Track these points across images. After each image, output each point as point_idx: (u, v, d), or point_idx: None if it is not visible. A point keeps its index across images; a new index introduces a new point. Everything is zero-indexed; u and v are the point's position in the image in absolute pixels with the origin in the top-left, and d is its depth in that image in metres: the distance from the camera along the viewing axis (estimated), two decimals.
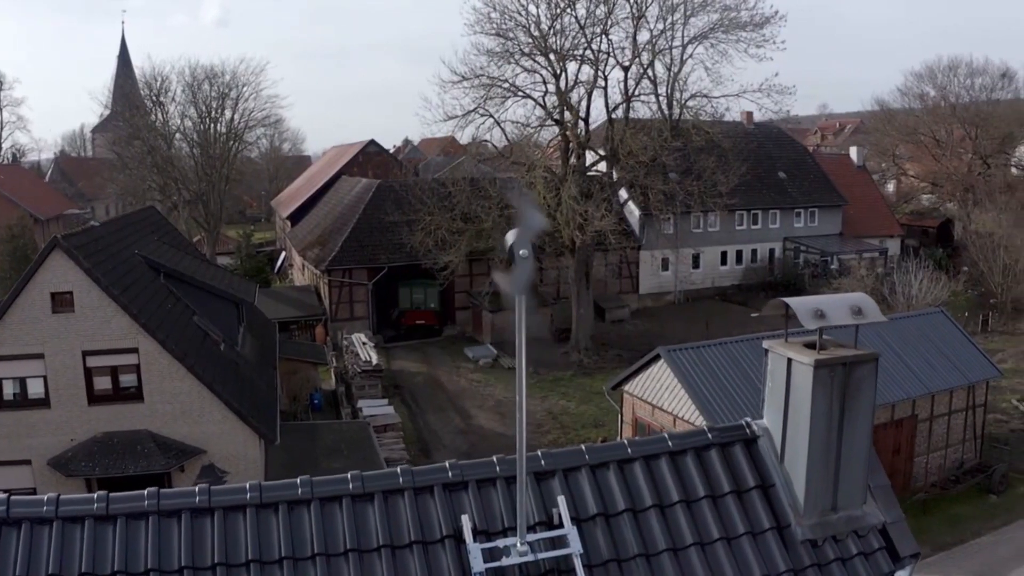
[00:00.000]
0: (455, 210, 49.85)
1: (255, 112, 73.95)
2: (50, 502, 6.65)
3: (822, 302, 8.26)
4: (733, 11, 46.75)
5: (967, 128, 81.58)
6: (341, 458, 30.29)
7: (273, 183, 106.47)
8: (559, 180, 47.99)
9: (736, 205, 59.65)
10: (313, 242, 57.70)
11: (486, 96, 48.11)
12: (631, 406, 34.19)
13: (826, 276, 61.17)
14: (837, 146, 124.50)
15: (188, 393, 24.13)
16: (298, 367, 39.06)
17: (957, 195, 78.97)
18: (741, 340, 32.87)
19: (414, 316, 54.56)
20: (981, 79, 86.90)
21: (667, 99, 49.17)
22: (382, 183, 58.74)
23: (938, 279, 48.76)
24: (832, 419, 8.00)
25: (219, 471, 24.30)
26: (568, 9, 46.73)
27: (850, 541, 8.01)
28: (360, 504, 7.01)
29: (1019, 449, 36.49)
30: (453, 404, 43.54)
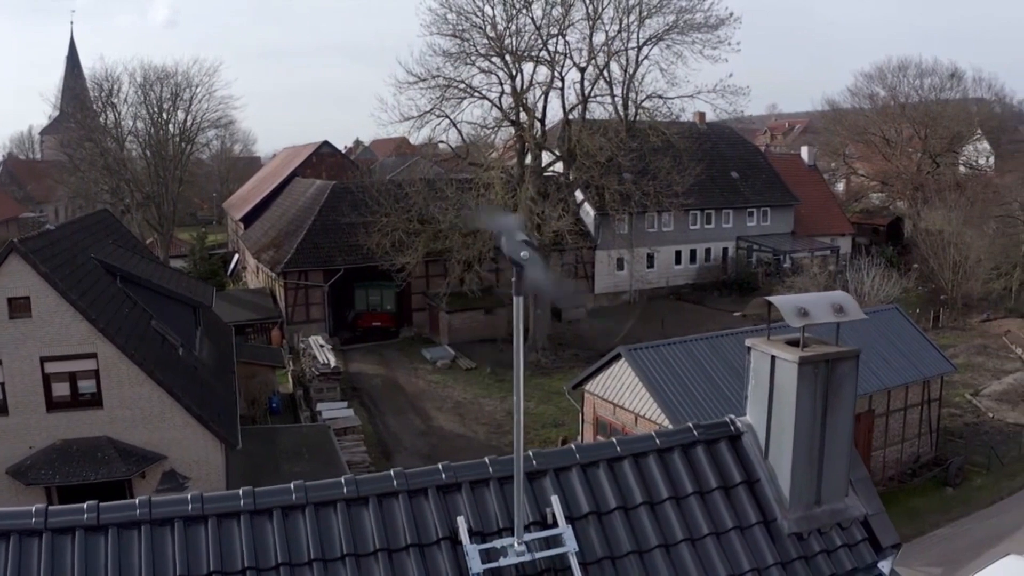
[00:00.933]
0: (412, 211, 49.73)
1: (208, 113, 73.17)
2: (39, 513, 6.51)
3: (805, 300, 8.36)
4: (688, 13, 47.21)
5: (916, 128, 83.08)
6: (303, 462, 30.09)
7: (224, 185, 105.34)
8: (516, 181, 48.06)
9: (690, 205, 60.19)
10: (268, 244, 57.19)
11: (442, 97, 48.11)
12: (592, 405, 34.33)
13: (779, 275, 61.89)
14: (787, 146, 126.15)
15: (148, 399, 23.80)
16: (256, 371, 38.70)
17: (907, 194, 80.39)
18: (700, 339, 33.24)
19: (370, 318, 54.31)
20: (930, 79, 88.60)
21: (623, 100, 49.51)
22: (337, 184, 58.36)
23: (890, 276, 49.53)
24: (816, 414, 8.10)
25: (180, 477, 24.03)
26: (524, 10, 46.86)
27: (834, 533, 8.12)
28: (355, 508, 6.97)
29: (974, 442, 37.28)
30: (412, 406, 43.43)
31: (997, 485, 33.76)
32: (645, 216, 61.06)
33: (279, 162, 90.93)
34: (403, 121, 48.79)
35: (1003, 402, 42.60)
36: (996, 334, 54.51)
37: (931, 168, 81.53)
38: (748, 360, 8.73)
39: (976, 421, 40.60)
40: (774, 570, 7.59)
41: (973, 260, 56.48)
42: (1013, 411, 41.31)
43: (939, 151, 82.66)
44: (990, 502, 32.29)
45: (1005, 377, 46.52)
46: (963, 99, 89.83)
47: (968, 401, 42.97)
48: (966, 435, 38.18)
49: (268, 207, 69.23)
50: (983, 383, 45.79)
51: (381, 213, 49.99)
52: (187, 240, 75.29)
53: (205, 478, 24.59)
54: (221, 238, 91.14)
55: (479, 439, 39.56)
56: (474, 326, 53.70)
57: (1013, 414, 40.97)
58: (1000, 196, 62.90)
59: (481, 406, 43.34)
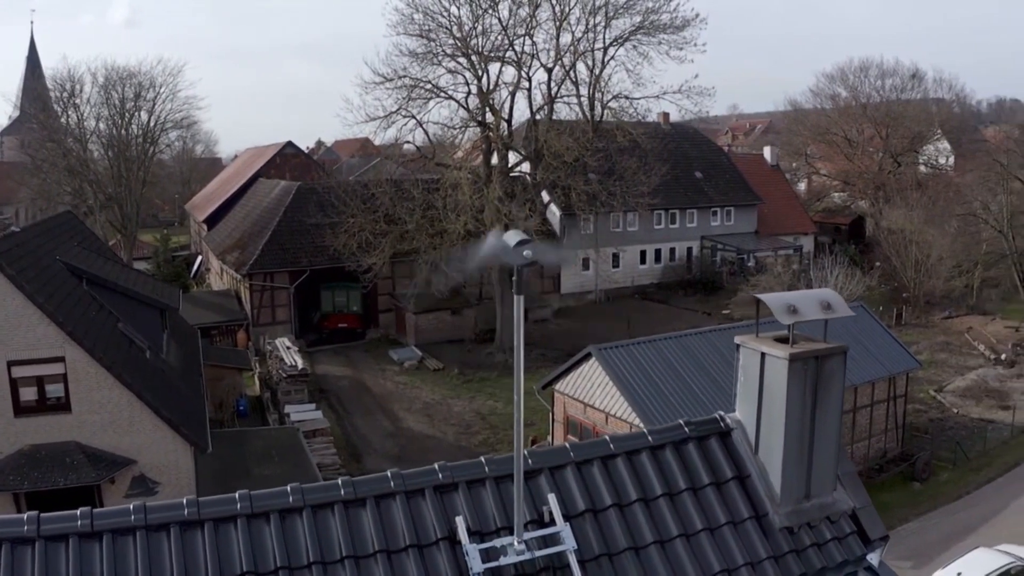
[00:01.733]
0: (378, 212, 49.53)
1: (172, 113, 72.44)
2: (31, 520, 6.37)
3: (794, 298, 8.42)
4: (654, 14, 47.40)
5: (878, 128, 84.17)
6: (272, 465, 29.87)
7: (186, 186, 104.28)
8: (483, 181, 48.02)
9: (655, 205, 60.50)
10: (232, 246, 56.68)
11: (408, 97, 47.89)
12: (562, 405, 34.41)
13: (743, 273, 62.39)
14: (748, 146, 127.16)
15: (117, 403, 23.47)
16: (223, 373, 38.34)
17: (868, 193, 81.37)
18: (669, 337, 33.44)
19: (336, 319, 54.02)
20: (892, 80, 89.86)
21: (589, 100, 49.62)
22: (302, 185, 57.97)
23: (853, 275, 50.07)
24: (805, 410, 8.18)
25: (150, 482, 23.78)
26: (490, 11, 46.81)
27: (823, 527, 8.22)
28: (353, 509, 6.91)
29: (939, 438, 37.80)
30: (381, 407, 43.26)
31: (963, 479, 34.28)
32: (610, 216, 61.29)
33: (242, 163, 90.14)
34: (369, 121, 48.50)
35: (967, 398, 43.24)
36: (958, 331, 55.31)
37: (892, 168, 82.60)
38: (737, 357, 8.80)
39: (941, 417, 41.18)
40: (767, 564, 7.66)
41: (935, 258, 57.28)
42: (977, 406, 41.94)
43: (900, 151, 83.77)
44: (957, 496, 32.78)
45: (968, 373, 47.22)
46: (924, 99, 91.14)
47: (932, 397, 43.56)
48: (931, 431, 38.72)
49: (232, 208, 68.58)
50: (947, 379, 46.46)
51: (347, 214, 49.73)
52: (150, 242, 74.45)
53: (175, 482, 24.32)
54: (184, 240, 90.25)
55: (448, 440, 39.50)
56: (441, 327, 53.62)
57: (977, 409, 41.60)
58: (961, 195, 63.84)
59: (450, 407, 43.27)
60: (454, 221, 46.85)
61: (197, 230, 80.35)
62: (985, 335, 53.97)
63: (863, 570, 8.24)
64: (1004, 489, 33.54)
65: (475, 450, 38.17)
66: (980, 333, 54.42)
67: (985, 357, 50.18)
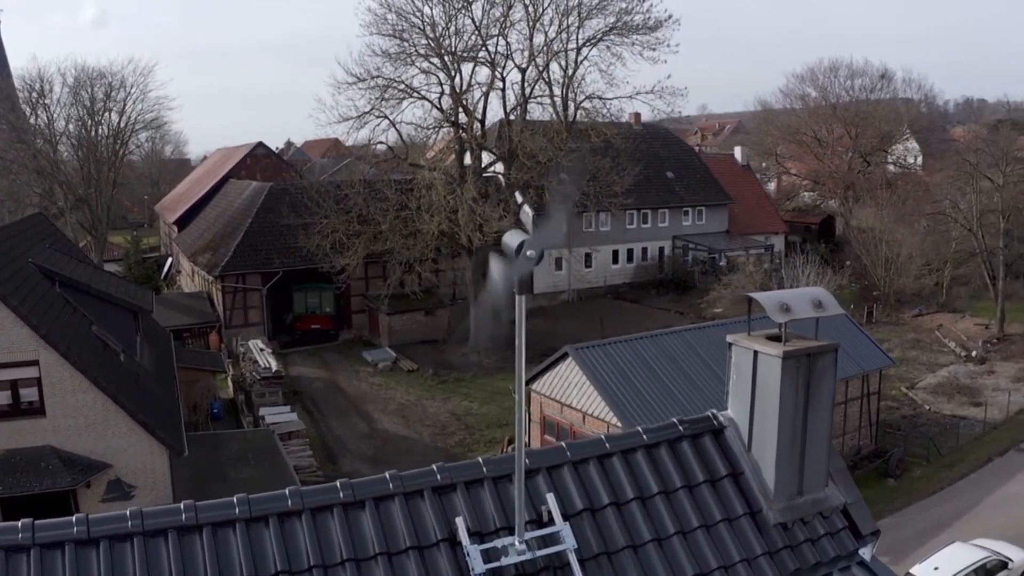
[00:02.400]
0: (351, 212, 49.34)
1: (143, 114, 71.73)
2: (25, 528, 6.25)
3: (786, 296, 8.47)
4: (627, 14, 47.55)
5: (847, 127, 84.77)
6: (249, 468, 29.70)
7: (155, 187, 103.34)
8: (457, 182, 47.97)
9: (628, 205, 60.66)
10: (204, 247, 56.22)
11: (381, 97, 47.77)
12: (539, 404, 34.46)
13: (715, 273, 62.70)
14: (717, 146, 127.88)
15: (92, 406, 23.21)
16: (197, 376, 38.04)
17: (838, 192, 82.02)
18: (645, 337, 33.58)
19: (309, 321, 53.74)
20: (861, 80, 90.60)
21: (562, 100, 49.69)
22: (274, 186, 57.61)
23: (824, 273, 50.44)
24: (798, 407, 8.23)
25: (126, 486, 23.54)
26: (463, 11, 46.75)
27: (816, 522, 8.29)
28: (352, 512, 6.86)
29: (912, 434, 38.19)
30: (356, 409, 43.11)
31: (937, 475, 34.66)
32: (583, 216, 61.41)
33: (212, 164, 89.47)
34: (342, 122, 48.37)
35: (938, 395, 43.73)
36: (929, 329, 55.91)
37: (862, 167, 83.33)
38: (729, 355, 8.81)
39: (913, 413, 41.62)
40: (763, 560, 7.71)
41: (905, 257, 57.88)
42: (949, 403, 42.43)
43: (869, 150, 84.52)
44: (931, 492, 33.16)
45: (939, 370, 47.77)
46: (893, 99, 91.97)
47: (904, 394, 44.00)
48: (904, 427, 39.14)
49: (202, 210, 68.05)
50: (918, 376, 46.96)
51: (320, 214, 49.51)
52: (120, 244, 73.80)
53: (151, 486, 24.10)
54: (153, 241, 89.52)
55: (424, 441, 39.45)
56: (414, 327, 53.50)
57: (949, 406, 42.08)
58: (931, 195, 64.48)
59: (424, 408, 43.20)
60: (428, 221, 46.78)
61: (167, 232, 79.69)
62: (955, 332, 54.59)
63: (856, 565, 8.32)
64: (977, 485, 33.97)
65: (451, 451, 38.16)
66: (950, 330, 55.04)
67: (956, 354, 50.74)
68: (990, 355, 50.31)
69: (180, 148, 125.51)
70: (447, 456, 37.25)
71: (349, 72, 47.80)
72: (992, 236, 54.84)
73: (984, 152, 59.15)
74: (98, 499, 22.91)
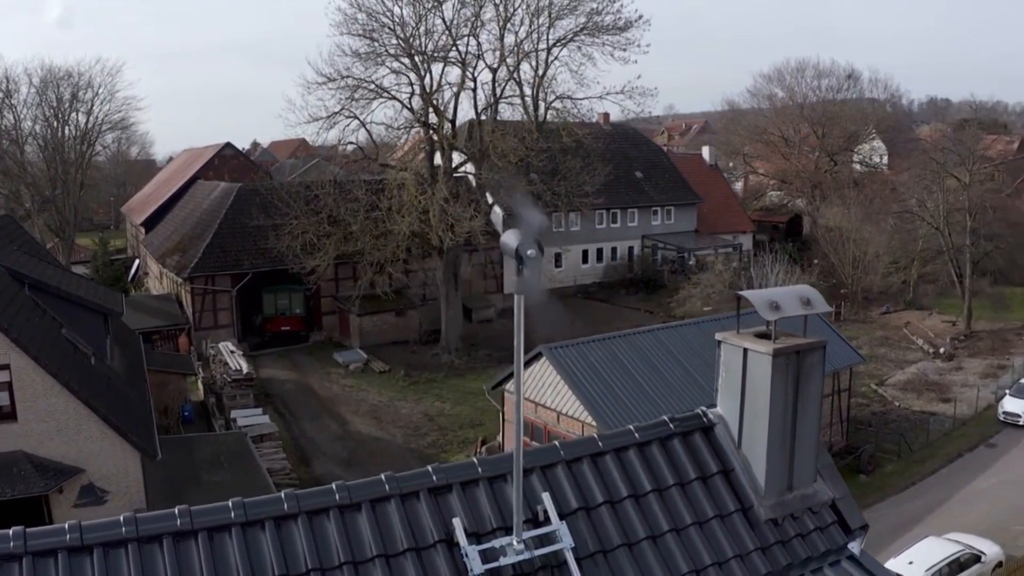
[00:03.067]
0: (322, 213, 49.10)
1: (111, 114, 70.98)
2: (17, 536, 6.11)
3: (775, 295, 8.50)
4: (598, 15, 47.62)
5: (814, 127, 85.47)
6: (222, 471, 29.48)
7: (121, 189, 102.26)
8: (428, 182, 47.86)
9: (598, 205, 60.87)
10: (172, 249, 55.72)
11: (351, 97, 47.54)
12: (513, 405, 34.33)
13: (684, 272, 63.00)
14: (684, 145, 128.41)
15: (64, 410, 22.91)
16: (167, 379, 37.67)
17: (806, 191, 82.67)
18: (619, 336, 33.69)
19: (279, 322, 53.43)
20: (828, 80, 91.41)
21: (533, 100, 49.72)
22: (243, 186, 57.20)
23: (793, 272, 50.79)
24: (788, 404, 8.27)
25: (99, 491, 23.27)
26: (434, 11, 46.62)
27: (806, 518, 8.35)
28: (349, 514, 6.80)
29: (883, 431, 38.56)
30: (328, 410, 42.93)
31: (908, 471, 35.06)
32: (553, 216, 61.48)
33: (179, 164, 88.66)
34: (312, 122, 48.08)
35: (908, 391, 44.20)
36: (896, 326, 56.55)
37: (829, 166, 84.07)
38: (718, 353, 8.84)
39: (883, 410, 42.06)
40: (755, 556, 7.77)
41: (872, 255, 58.50)
42: (918, 399, 42.91)
43: (836, 150, 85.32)
44: (903, 487, 33.52)
45: (908, 367, 48.31)
46: (859, 99, 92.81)
47: (874, 391, 44.44)
48: (875, 424, 39.52)
49: (170, 211, 67.44)
50: (887, 373, 47.46)
51: (291, 215, 49.23)
52: (87, 246, 72.98)
53: (124, 491, 23.84)
54: (120, 243, 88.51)
55: (397, 442, 39.35)
56: (385, 328, 53.35)
57: (918, 402, 42.57)
58: (897, 193, 65.18)
59: (397, 409, 43.10)
60: (399, 222, 46.63)
61: (134, 233, 78.85)
62: (923, 330, 55.21)
63: (846, 559, 8.38)
64: (948, 480, 34.41)
65: (425, 452, 38.09)
66: (918, 328, 55.66)
67: (924, 351, 51.32)
68: (958, 352, 50.94)
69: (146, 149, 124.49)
70: (421, 457, 37.16)
71: (319, 72, 47.57)
72: (959, 234, 55.55)
73: (951, 151, 59.87)
74: (71, 504, 22.63)
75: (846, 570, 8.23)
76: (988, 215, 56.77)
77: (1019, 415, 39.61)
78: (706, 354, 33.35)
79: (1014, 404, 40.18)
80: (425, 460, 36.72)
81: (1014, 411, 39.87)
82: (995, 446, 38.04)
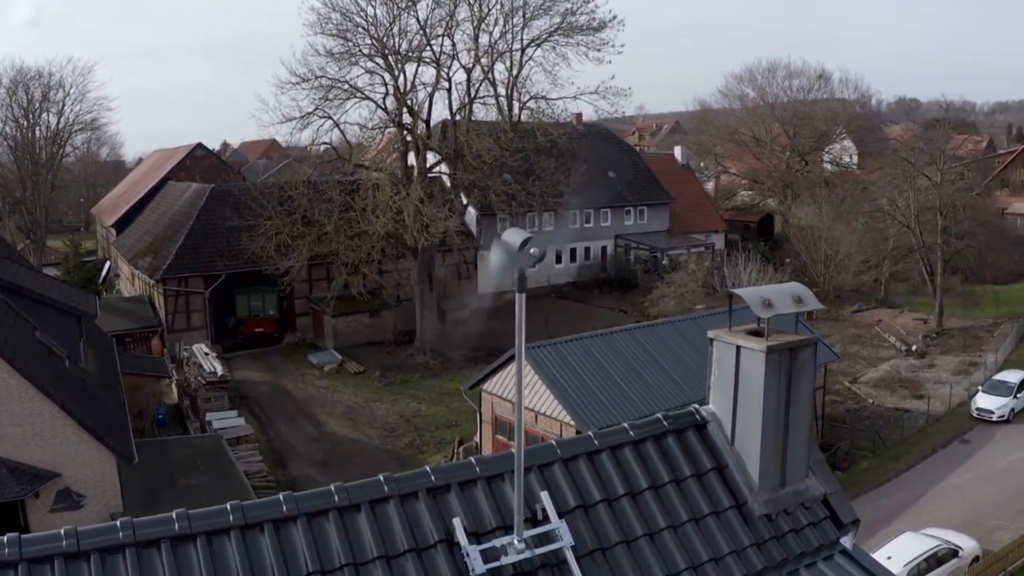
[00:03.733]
0: (295, 214, 48.86)
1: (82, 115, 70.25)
2: (12, 543, 6.01)
3: (767, 292, 8.54)
4: (572, 15, 47.67)
5: (785, 127, 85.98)
6: (199, 474, 29.26)
7: (91, 190, 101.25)
8: (403, 182, 47.74)
9: (572, 204, 60.95)
10: (144, 250, 55.20)
11: (325, 97, 47.34)
12: (490, 404, 34.43)
13: (657, 271, 63.22)
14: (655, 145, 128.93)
15: (39, 414, 22.62)
16: (141, 381, 37.32)
17: (777, 191, 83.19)
18: (596, 335, 33.77)
19: (252, 324, 53.08)
20: (799, 80, 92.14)
21: (507, 100, 49.71)
22: (216, 187, 56.82)
23: (765, 271, 51.12)
24: (780, 400, 8.32)
25: (76, 495, 23.01)
26: (408, 11, 46.50)
27: (799, 513, 8.41)
28: (349, 516, 6.75)
29: (857, 427, 38.86)
30: (303, 412, 42.71)
31: (883, 467, 35.36)
32: (526, 216, 61.53)
33: (150, 165, 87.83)
34: (285, 122, 47.84)
35: (881, 388, 44.59)
36: (868, 324, 57.03)
37: (800, 166, 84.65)
38: (710, 351, 8.86)
39: (857, 407, 42.41)
40: (751, 551, 7.81)
41: (844, 254, 58.94)
42: (891, 396, 43.31)
43: (807, 150, 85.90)
44: (878, 483, 33.82)
45: (881, 364, 48.73)
46: (830, 99, 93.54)
47: (848, 388, 44.80)
48: (849, 421, 39.82)
49: (141, 212, 66.80)
50: (860, 371, 47.87)
51: (264, 216, 48.94)
52: (58, 248, 72.27)
53: (101, 495, 23.59)
54: (90, 245, 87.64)
55: (374, 443, 39.22)
56: (359, 329, 53.17)
57: (892, 399, 42.96)
58: (868, 193, 65.72)
59: (372, 410, 42.96)
60: (374, 222, 46.48)
61: (105, 235, 78.10)
62: (895, 327, 55.71)
63: (839, 553, 8.44)
64: (923, 476, 34.75)
65: (401, 453, 38.00)
66: (890, 325, 56.15)
67: (896, 348, 51.78)
68: (930, 349, 51.43)
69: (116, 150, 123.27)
70: (397, 459, 37.08)
71: (293, 72, 47.33)
72: (930, 233, 56.11)
73: (922, 151, 60.45)
74: (47, 509, 22.38)
75: (840, 564, 8.28)
76: (959, 214, 57.38)
77: (992, 411, 40.11)
78: (682, 352, 33.55)
79: (987, 400, 40.69)
80: (402, 461, 36.67)
81: (987, 407, 40.37)
82: (969, 442, 38.48)
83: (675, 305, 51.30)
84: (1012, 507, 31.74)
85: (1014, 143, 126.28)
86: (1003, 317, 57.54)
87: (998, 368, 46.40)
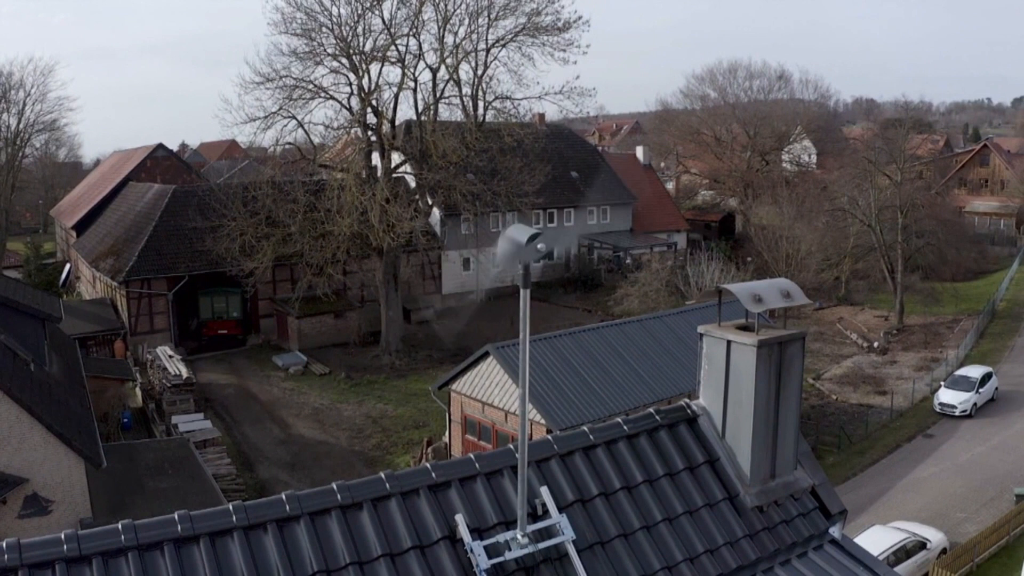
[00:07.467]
0: (259, 214, 48.50)
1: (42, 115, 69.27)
2: (11, 548, 5.92)
3: (757, 288, 8.64)
4: (537, 16, 47.73)
5: (745, 127, 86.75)
6: (167, 477, 28.96)
7: (49, 192, 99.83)
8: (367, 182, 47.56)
9: (536, 204, 61.07)
10: (106, 252, 54.47)
11: (289, 97, 47.06)
12: (459, 404, 34.42)
13: (621, 270, 63.50)
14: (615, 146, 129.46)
15: (5, 419, 22.19)
16: (105, 385, 36.87)
17: (738, 190, 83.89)
18: (564, 334, 33.92)
19: (216, 326, 52.61)
20: (759, 81, 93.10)
21: (472, 100, 49.68)
22: (178, 188, 56.23)
23: (728, 269, 51.54)
24: (770, 394, 8.43)
25: (44, 500, 22.67)
26: (372, 10, 46.33)
27: (789, 504, 8.57)
28: (352, 514, 6.74)
29: (822, 423, 39.29)
30: (269, 414, 42.41)
31: (849, 462, 35.80)
32: (490, 216, 61.55)
33: (110, 166, 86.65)
34: (249, 122, 47.48)
35: (844, 384, 45.13)
36: (830, 321, 57.67)
37: (760, 165, 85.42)
38: (700, 346, 8.96)
39: (821, 403, 42.84)
40: (744, 542, 7.95)
41: (805, 252, 59.56)
42: (855, 392, 43.85)
43: (767, 149, 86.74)
44: (844, 478, 34.22)
45: (843, 361, 49.30)
46: (790, 100, 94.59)
47: (812, 385, 45.23)
48: (814, 417, 40.24)
49: (102, 214, 65.95)
50: (823, 368, 48.40)
51: (228, 217, 48.52)
52: (18, 250, 71.25)
53: (69, 500, 23.22)
54: (50, 247, 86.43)
55: (341, 445, 39.03)
56: (324, 330, 52.90)
57: (855, 395, 43.49)
58: (829, 192, 66.48)
59: (339, 411, 42.76)
60: (339, 223, 46.29)
61: (65, 237, 77.02)
62: (856, 324, 56.38)
63: (828, 543, 8.60)
64: (889, 470, 35.24)
65: (370, 454, 37.86)
66: (851, 323, 56.83)
67: (858, 345, 52.41)
68: (891, 346, 52.11)
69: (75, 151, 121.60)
70: (366, 460, 36.95)
71: (257, 71, 47.02)
72: (890, 231, 56.91)
73: (882, 150, 61.25)
74: (15, 516, 22.02)
75: (830, 554, 8.45)
76: (918, 212, 58.22)
77: (955, 406, 40.76)
78: (649, 350, 33.78)
79: (949, 395, 41.37)
80: (371, 462, 36.57)
81: (950, 402, 41.03)
82: (932, 436, 39.09)
83: (639, 304, 51.54)
84: (977, 499, 32.32)
85: (970, 143, 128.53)
86: (963, 313, 58.50)
87: (959, 364, 47.19)
